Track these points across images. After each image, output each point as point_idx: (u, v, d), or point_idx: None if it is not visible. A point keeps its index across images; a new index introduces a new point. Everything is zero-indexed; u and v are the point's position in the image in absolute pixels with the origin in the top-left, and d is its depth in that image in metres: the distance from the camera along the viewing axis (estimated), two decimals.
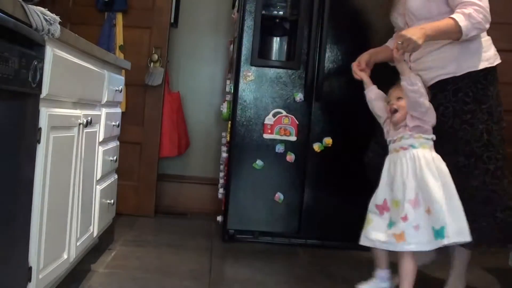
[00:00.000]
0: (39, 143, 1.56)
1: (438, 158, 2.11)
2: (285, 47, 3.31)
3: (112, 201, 2.62)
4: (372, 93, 2.34)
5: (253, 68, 3.06)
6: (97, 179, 2.33)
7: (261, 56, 3.11)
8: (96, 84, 2.23)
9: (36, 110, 1.53)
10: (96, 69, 2.20)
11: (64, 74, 1.74)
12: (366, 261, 2.88)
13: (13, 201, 1.42)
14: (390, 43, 2.51)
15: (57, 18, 1.54)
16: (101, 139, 2.34)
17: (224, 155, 3.32)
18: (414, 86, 2.08)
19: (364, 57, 2.44)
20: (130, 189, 3.55)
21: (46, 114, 1.59)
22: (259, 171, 3.08)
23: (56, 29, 1.53)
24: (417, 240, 2.03)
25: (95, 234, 2.34)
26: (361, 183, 2.53)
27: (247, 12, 3.03)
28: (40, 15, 1.44)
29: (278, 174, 3.09)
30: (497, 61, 2.26)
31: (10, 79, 1.28)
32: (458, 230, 2.02)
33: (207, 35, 4.01)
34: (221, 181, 3.39)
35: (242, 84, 3.07)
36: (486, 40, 2.27)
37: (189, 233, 3.25)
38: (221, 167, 3.45)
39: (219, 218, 3.24)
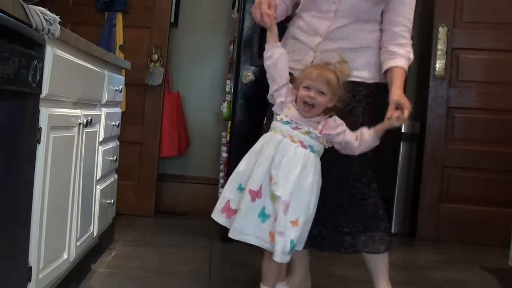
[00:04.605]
0: (39, 143, 1.56)
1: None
2: None
3: (112, 201, 2.62)
4: (279, 50, 1.95)
5: (253, 68, 3.06)
6: (97, 179, 2.33)
7: (261, 56, 3.10)
8: (96, 84, 2.23)
9: (36, 110, 1.53)
10: (96, 69, 2.20)
11: (64, 74, 1.74)
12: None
13: (13, 201, 1.42)
14: None
15: (57, 18, 1.54)
16: (101, 139, 2.34)
17: (224, 155, 3.31)
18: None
19: None
20: (130, 189, 3.54)
21: (46, 114, 1.59)
22: None
23: (56, 29, 1.53)
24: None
25: (95, 234, 2.35)
26: None
27: (247, 12, 3.02)
28: (40, 15, 1.44)
29: None
30: None
31: (10, 79, 1.28)
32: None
33: (207, 35, 4.01)
34: (221, 181, 3.38)
35: (242, 84, 3.07)
36: None
37: (189, 233, 3.24)
38: (221, 167, 3.45)
39: None
